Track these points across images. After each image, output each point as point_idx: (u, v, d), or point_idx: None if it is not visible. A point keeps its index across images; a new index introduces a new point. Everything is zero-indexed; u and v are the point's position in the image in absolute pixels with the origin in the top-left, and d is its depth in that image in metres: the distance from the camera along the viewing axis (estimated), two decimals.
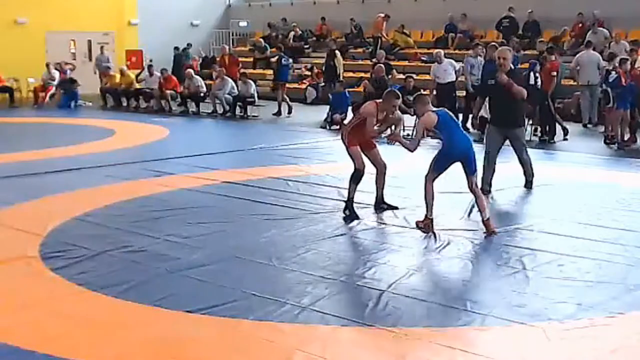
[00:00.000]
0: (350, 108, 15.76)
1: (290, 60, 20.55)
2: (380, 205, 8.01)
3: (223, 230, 7.19)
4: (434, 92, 14.77)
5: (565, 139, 13.44)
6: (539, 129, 13.76)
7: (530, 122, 14.02)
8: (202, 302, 5.14)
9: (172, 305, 5.10)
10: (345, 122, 15.43)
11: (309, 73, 22.20)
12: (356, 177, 7.77)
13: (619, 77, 12.77)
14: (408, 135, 14.27)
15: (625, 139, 12.84)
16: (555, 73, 13.43)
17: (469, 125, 14.68)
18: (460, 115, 14.57)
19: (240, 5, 28.33)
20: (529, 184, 9.26)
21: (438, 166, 7.22)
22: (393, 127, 7.84)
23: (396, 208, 7.95)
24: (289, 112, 18.24)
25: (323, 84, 19.20)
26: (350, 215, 7.63)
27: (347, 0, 25.04)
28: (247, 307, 5.08)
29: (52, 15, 23.24)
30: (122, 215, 7.75)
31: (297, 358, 4.31)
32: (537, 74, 13.14)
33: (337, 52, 18.43)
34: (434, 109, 7.34)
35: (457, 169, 7.23)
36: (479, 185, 7.71)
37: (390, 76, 16.17)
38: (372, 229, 7.29)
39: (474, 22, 21.42)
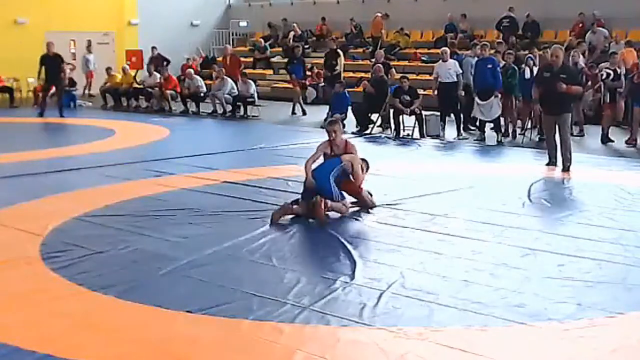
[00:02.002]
0: (350, 108, 15.77)
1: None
2: None
3: (223, 230, 7.19)
4: (436, 92, 14.73)
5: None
6: (538, 127, 13.76)
7: (520, 118, 14.11)
8: (202, 302, 5.14)
9: (172, 305, 5.10)
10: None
11: (309, 73, 22.19)
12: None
13: None
14: (408, 135, 14.31)
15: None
16: None
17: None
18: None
19: (240, 5, 28.34)
20: (566, 168, 10.28)
21: None
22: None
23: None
24: (304, 113, 18.22)
25: (323, 84, 19.19)
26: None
27: (347, 0, 25.05)
28: (247, 307, 5.07)
29: (52, 15, 23.24)
30: (122, 215, 7.74)
31: (297, 358, 4.31)
32: (532, 69, 13.22)
33: (339, 51, 18.40)
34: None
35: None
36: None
37: (389, 76, 16.14)
38: (372, 229, 7.28)
39: (474, 22, 21.45)
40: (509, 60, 14.02)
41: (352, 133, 14.85)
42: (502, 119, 13.84)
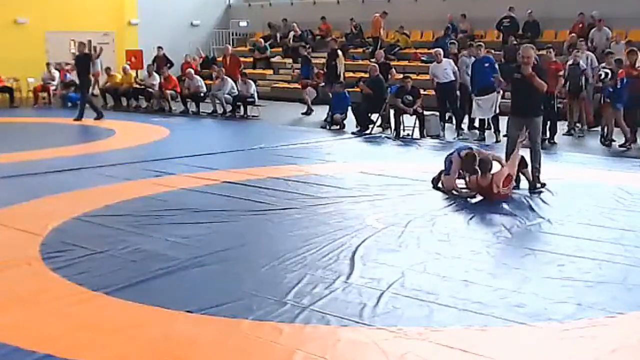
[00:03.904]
0: (350, 108, 15.76)
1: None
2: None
3: (223, 230, 7.19)
4: (435, 93, 14.72)
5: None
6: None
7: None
8: (202, 302, 5.14)
9: (172, 305, 5.10)
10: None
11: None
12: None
13: None
14: (408, 135, 14.30)
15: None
16: (561, 73, 13.40)
17: (464, 125, 14.71)
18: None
19: (240, 5, 28.34)
20: (535, 179, 9.08)
21: None
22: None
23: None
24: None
25: (323, 84, 19.22)
26: None
27: (347, 0, 25.04)
28: (247, 307, 5.08)
29: (52, 15, 23.24)
30: (122, 215, 7.74)
31: (297, 358, 4.31)
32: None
33: (339, 51, 18.41)
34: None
35: None
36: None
37: (390, 76, 16.10)
38: (372, 229, 7.28)
39: (474, 22, 21.45)
40: None
41: (352, 133, 14.86)
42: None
